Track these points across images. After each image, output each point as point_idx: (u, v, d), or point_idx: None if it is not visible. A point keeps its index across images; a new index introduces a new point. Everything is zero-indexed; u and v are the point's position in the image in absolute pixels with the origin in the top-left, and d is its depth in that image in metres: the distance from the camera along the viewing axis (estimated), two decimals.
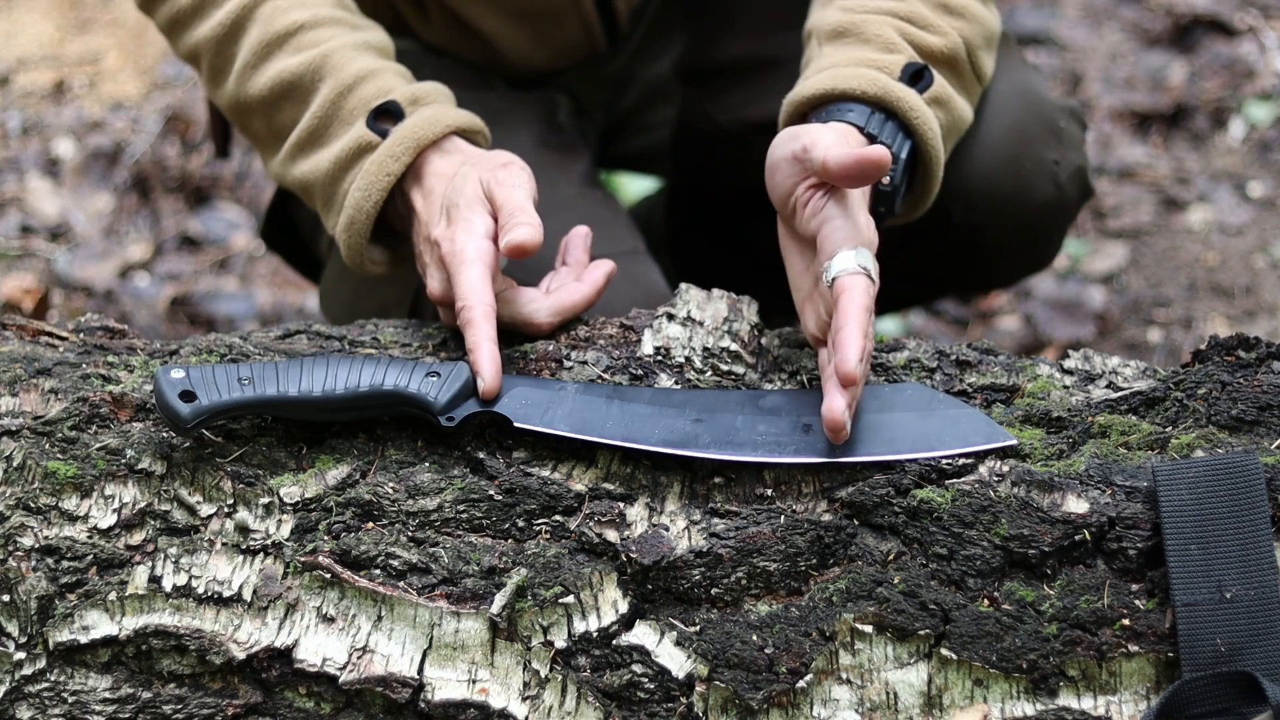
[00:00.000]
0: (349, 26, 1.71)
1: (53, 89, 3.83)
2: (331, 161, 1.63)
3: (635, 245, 1.99)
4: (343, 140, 1.63)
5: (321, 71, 1.66)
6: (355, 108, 1.64)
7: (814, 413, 1.42)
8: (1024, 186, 1.93)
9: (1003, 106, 1.90)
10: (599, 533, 1.38)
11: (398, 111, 1.63)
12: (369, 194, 1.60)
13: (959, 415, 1.42)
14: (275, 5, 1.69)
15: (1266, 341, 1.46)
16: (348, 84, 1.64)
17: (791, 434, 1.41)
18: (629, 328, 1.58)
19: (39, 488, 1.41)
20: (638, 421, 1.43)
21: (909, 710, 1.33)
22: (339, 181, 1.63)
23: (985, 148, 1.89)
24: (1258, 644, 1.28)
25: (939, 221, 1.94)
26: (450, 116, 1.64)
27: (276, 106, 1.68)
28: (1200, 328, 2.85)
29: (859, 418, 1.41)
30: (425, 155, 1.62)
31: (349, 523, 1.40)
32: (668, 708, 1.35)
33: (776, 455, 1.40)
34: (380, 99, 1.63)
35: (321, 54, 1.66)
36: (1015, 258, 2.09)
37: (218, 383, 1.41)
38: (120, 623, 1.38)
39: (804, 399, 1.46)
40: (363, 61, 1.66)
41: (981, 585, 1.33)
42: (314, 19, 1.69)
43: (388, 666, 1.36)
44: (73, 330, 1.61)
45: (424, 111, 1.63)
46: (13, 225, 3.33)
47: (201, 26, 1.72)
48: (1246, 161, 3.27)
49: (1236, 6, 3.63)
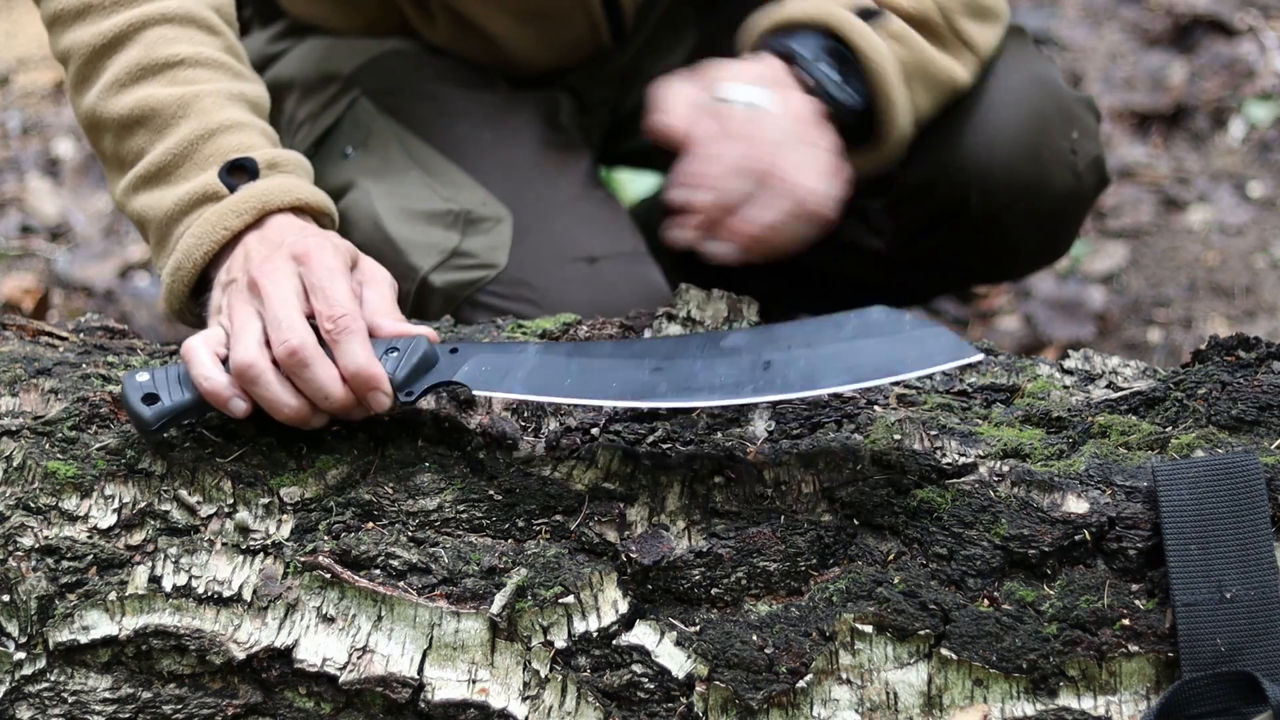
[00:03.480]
0: (230, 74, 1.65)
1: (53, 89, 3.82)
2: (174, 202, 1.57)
3: (635, 245, 1.99)
4: (191, 183, 1.57)
5: (188, 109, 1.59)
6: (212, 155, 1.58)
7: (775, 348, 1.39)
8: (1043, 175, 1.94)
9: (1021, 95, 1.91)
10: (599, 533, 1.38)
11: (253, 169, 1.57)
12: (201, 243, 1.53)
13: (924, 335, 1.37)
14: (162, 33, 1.63)
15: (1266, 341, 1.46)
16: (210, 129, 1.58)
17: (751, 372, 1.38)
18: (629, 328, 1.58)
19: (39, 488, 1.41)
20: (595, 376, 1.40)
21: (909, 710, 1.33)
22: (176, 223, 1.57)
23: (1005, 136, 1.90)
24: (1258, 644, 1.28)
25: (958, 210, 1.95)
26: (304, 191, 1.57)
27: (131, 130, 1.61)
28: (1200, 328, 2.85)
29: (821, 347, 1.39)
30: (270, 219, 1.54)
31: (349, 523, 1.40)
32: (668, 708, 1.34)
33: (735, 397, 1.37)
34: (239, 153, 1.57)
35: (194, 93, 1.60)
36: (1032, 247, 2.09)
37: (181, 383, 1.40)
38: (120, 623, 1.38)
39: (764, 335, 1.42)
40: (232, 111, 1.61)
41: (981, 585, 1.33)
42: (197, 57, 1.63)
43: (388, 666, 1.36)
44: (73, 330, 1.61)
45: (279, 178, 1.57)
46: (13, 225, 3.33)
47: (81, 30, 1.65)
48: (1246, 161, 3.26)
49: (1236, 6, 3.63)
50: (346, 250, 1.49)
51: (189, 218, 1.55)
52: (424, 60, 2.08)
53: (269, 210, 1.53)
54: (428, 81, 2.06)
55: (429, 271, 1.91)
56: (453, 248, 1.92)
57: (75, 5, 1.65)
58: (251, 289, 1.45)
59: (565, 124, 2.11)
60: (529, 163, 2.02)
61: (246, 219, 1.53)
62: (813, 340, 1.40)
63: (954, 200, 1.92)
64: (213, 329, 1.45)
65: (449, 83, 2.06)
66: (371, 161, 2.01)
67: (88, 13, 1.64)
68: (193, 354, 1.41)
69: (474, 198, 1.95)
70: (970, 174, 1.88)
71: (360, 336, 1.40)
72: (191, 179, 1.57)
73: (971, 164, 1.88)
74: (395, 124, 2.03)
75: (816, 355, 1.38)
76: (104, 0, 1.64)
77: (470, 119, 2.04)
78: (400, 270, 1.74)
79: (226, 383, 1.40)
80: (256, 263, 1.47)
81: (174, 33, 1.63)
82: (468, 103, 2.06)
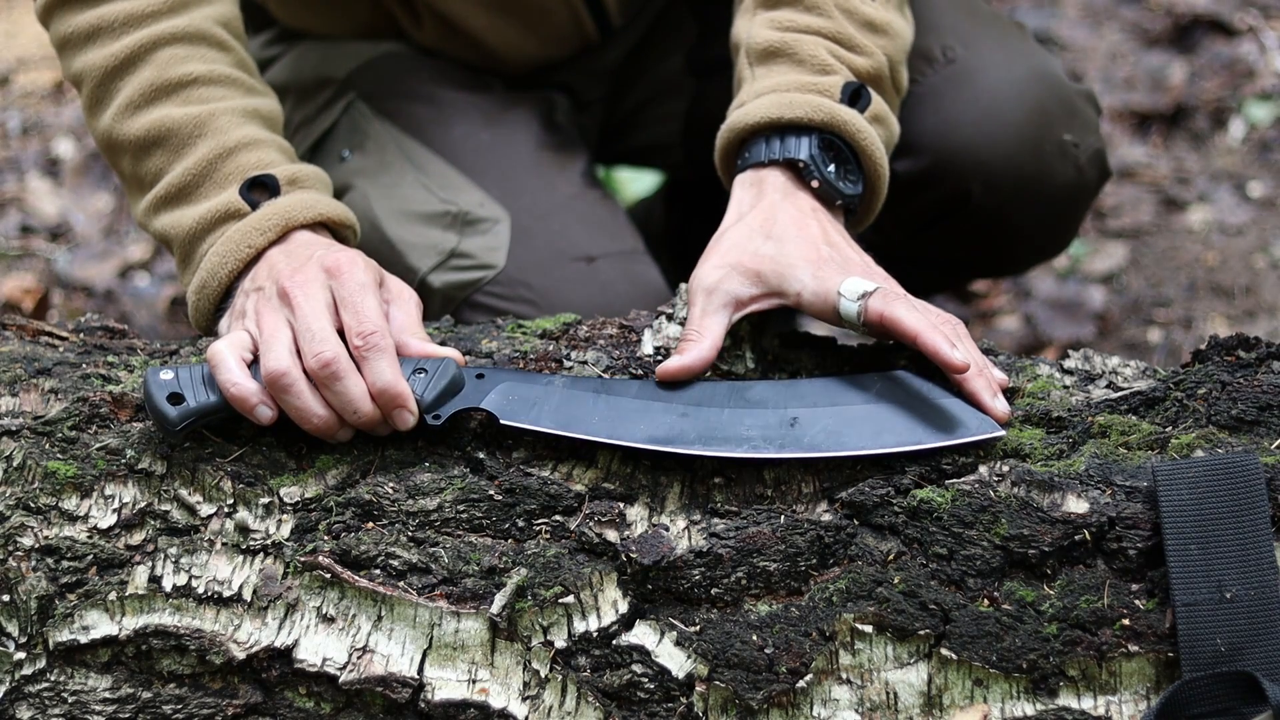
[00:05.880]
0: (243, 90, 1.66)
1: (53, 89, 3.83)
2: (195, 220, 1.58)
3: (635, 245, 1.99)
4: (212, 202, 1.58)
5: (204, 129, 1.61)
6: (232, 173, 1.59)
7: (800, 404, 1.43)
8: (1045, 168, 1.95)
9: (1023, 88, 1.91)
10: (599, 533, 1.38)
11: (274, 186, 1.58)
12: (226, 260, 1.54)
13: (948, 405, 1.42)
14: (174, 52, 1.63)
15: (1266, 341, 1.46)
16: (228, 147, 1.60)
17: (778, 428, 1.41)
18: (629, 328, 1.58)
19: (39, 488, 1.41)
20: (624, 416, 1.43)
21: (909, 710, 1.33)
22: (200, 241, 1.58)
23: (1007, 129, 1.90)
24: (1258, 644, 1.28)
25: (959, 204, 1.95)
26: (324, 205, 1.59)
27: (148, 151, 1.62)
28: (1200, 328, 2.85)
29: (847, 406, 1.42)
30: (293, 234, 1.56)
31: (349, 523, 1.40)
32: (668, 708, 1.35)
33: (761, 452, 1.40)
34: (259, 170, 1.59)
35: (209, 111, 1.61)
36: (1034, 241, 2.10)
37: (206, 385, 1.41)
38: (120, 623, 1.38)
39: (790, 390, 1.46)
40: (248, 129, 1.62)
41: (981, 585, 1.33)
42: (209, 74, 1.64)
43: (388, 666, 1.36)
44: (73, 330, 1.61)
45: (300, 194, 1.58)
46: (13, 225, 3.33)
47: (92, 53, 1.65)
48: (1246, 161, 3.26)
49: (1236, 6, 3.63)
50: (375, 268, 1.50)
51: (212, 235, 1.56)
52: (418, 63, 2.08)
53: (292, 227, 1.55)
54: (423, 83, 2.06)
55: (427, 273, 1.92)
56: (451, 249, 1.92)
57: (85, 28, 1.66)
58: (282, 298, 1.45)
59: (562, 124, 2.11)
60: (526, 163, 2.02)
61: (270, 236, 1.54)
62: (838, 399, 1.44)
63: (955, 194, 1.92)
64: (237, 333, 1.46)
65: (444, 84, 2.06)
66: (368, 164, 2.01)
67: (98, 35, 1.65)
68: (219, 358, 1.41)
69: (471, 199, 1.95)
70: (972, 167, 1.88)
71: (389, 355, 1.42)
72: (212, 197, 1.58)
73: (973, 157, 1.88)
74: (391, 126, 2.03)
75: (842, 415, 1.41)
76: (113, 22, 1.64)
77: (466, 120, 2.04)
78: (398, 272, 1.74)
79: (254, 389, 1.40)
80: (286, 273, 1.47)
81: (185, 51, 1.64)
82: (463, 104, 2.06)
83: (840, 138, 1.60)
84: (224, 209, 1.57)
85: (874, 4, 1.71)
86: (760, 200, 1.59)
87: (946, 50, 1.94)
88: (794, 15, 1.68)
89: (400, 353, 1.45)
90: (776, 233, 1.54)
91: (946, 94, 1.92)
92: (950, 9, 1.99)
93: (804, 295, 1.49)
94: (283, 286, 1.46)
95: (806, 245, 1.52)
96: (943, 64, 1.94)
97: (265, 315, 1.46)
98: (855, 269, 1.51)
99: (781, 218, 1.55)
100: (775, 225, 1.55)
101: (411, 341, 1.47)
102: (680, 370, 1.46)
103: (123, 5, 1.64)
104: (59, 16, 1.68)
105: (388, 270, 1.54)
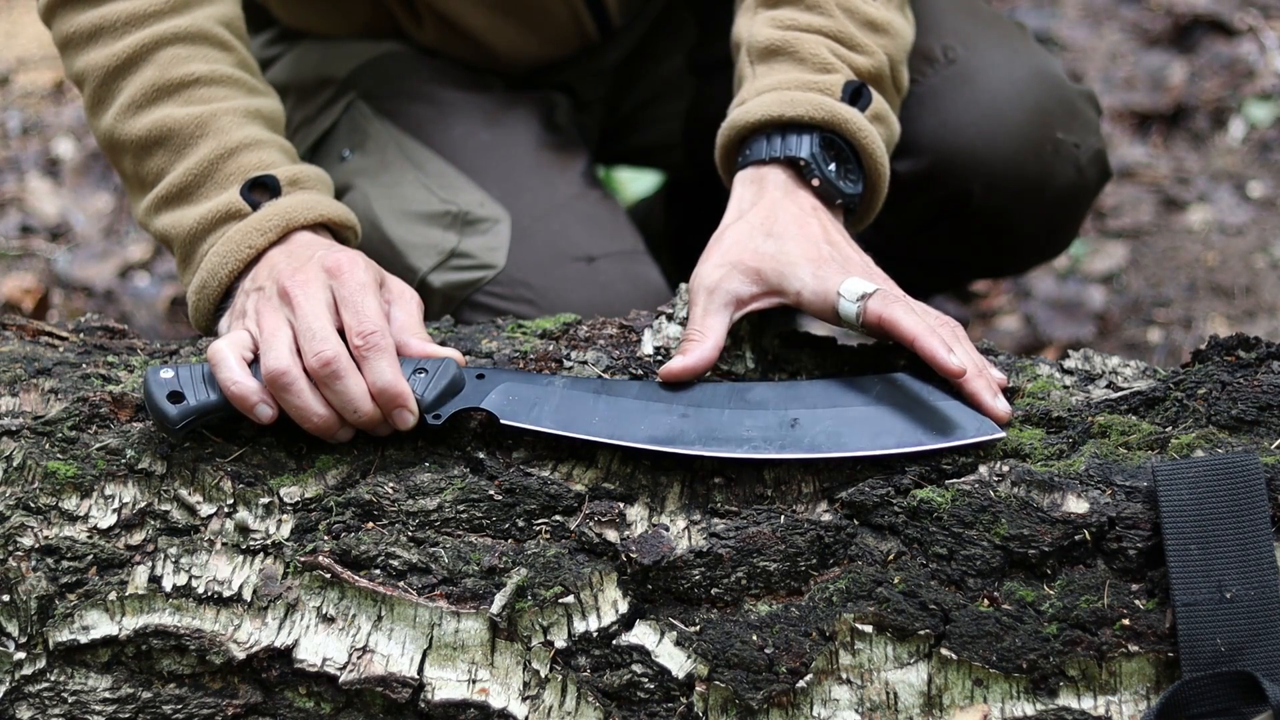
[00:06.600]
0: (245, 90, 1.66)
1: (53, 89, 3.82)
2: (196, 220, 1.58)
3: (635, 245, 1.99)
4: (213, 202, 1.58)
5: (206, 129, 1.61)
6: (233, 173, 1.59)
7: (801, 405, 1.43)
8: (1046, 169, 1.95)
9: (1023, 88, 1.92)
10: (599, 533, 1.38)
11: (274, 187, 1.58)
12: (226, 261, 1.54)
13: (947, 407, 1.42)
14: (175, 52, 1.63)
15: (1266, 341, 1.46)
16: (230, 148, 1.60)
17: (779, 429, 1.41)
18: (629, 328, 1.58)
19: (39, 488, 1.41)
20: (624, 417, 1.43)
21: (909, 710, 1.33)
22: (200, 241, 1.58)
23: (1008, 130, 1.90)
24: (1258, 644, 1.28)
25: (960, 204, 1.95)
26: (325, 206, 1.59)
27: (150, 151, 1.62)
28: (1200, 328, 2.85)
29: (847, 408, 1.42)
30: (294, 235, 1.56)
31: (349, 523, 1.40)
32: (668, 708, 1.35)
33: (761, 452, 1.40)
34: (260, 171, 1.59)
35: (210, 111, 1.61)
36: (1034, 241, 2.10)
37: (206, 383, 1.41)
38: (120, 623, 1.38)
39: (791, 392, 1.46)
40: (250, 129, 1.62)
41: (981, 585, 1.33)
42: (211, 75, 1.64)
43: (388, 666, 1.36)
44: (73, 330, 1.61)
45: (301, 195, 1.59)
46: (13, 225, 3.33)
47: (94, 53, 1.65)
48: (1246, 161, 3.26)
49: (1236, 6, 3.63)
50: (376, 268, 1.50)
51: (213, 235, 1.57)
52: (419, 62, 2.08)
53: (293, 227, 1.55)
54: (423, 83, 2.06)
55: (428, 272, 1.92)
56: (451, 248, 1.93)
57: (87, 27, 1.66)
58: (283, 297, 1.45)
59: (562, 124, 2.11)
60: (526, 163, 2.02)
61: (271, 237, 1.54)
62: (838, 400, 1.44)
63: (956, 194, 1.92)
64: (237, 333, 1.46)
65: (445, 84, 2.07)
66: (369, 164, 2.01)
67: (100, 34, 1.65)
68: (219, 357, 1.41)
69: (471, 198, 1.96)
70: (972, 167, 1.88)
71: (389, 354, 1.42)
72: (213, 198, 1.58)
73: (974, 157, 1.88)
74: (392, 126, 2.03)
75: (842, 416, 1.41)
76: (115, 21, 1.64)
77: (467, 120, 2.04)
78: (398, 271, 1.74)
79: (255, 388, 1.40)
80: (287, 273, 1.48)
81: (187, 51, 1.64)
82: (464, 104, 2.06)
83: (841, 136, 1.60)
84: (225, 209, 1.57)
85: (875, 3, 1.71)
86: (761, 198, 1.59)
87: (947, 50, 1.94)
88: (795, 14, 1.68)
89: (401, 353, 1.45)
90: (777, 230, 1.54)
91: (947, 94, 1.92)
92: (951, 9, 1.99)
93: (804, 294, 1.49)
94: (283, 286, 1.46)
95: (807, 244, 1.52)
96: (943, 64, 1.94)
97: (266, 314, 1.46)
98: (855, 268, 1.51)
99: (782, 216, 1.56)
100: (776, 223, 1.55)
101: (412, 341, 1.47)
102: (684, 370, 1.47)
103: (125, 5, 1.64)
104: (61, 16, 1.68)
105: (388, 270, 1.54)
